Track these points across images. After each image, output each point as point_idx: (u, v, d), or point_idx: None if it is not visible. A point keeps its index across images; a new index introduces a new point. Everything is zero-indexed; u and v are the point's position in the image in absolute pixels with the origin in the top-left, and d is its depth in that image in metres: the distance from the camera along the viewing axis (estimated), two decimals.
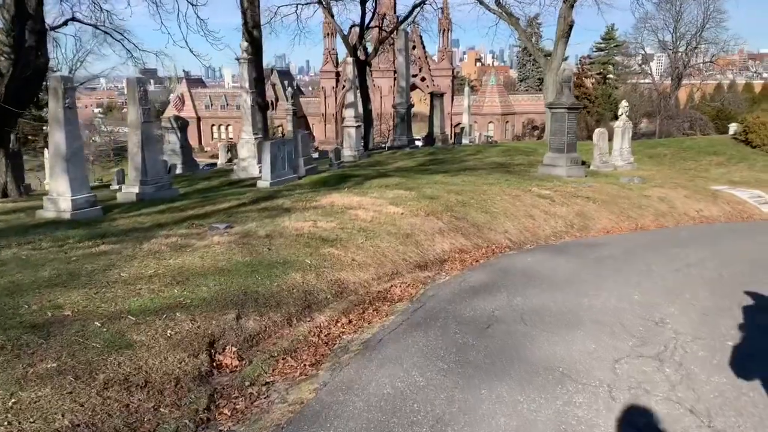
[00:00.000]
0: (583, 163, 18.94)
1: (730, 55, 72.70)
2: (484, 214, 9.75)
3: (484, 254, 8.30)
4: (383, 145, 30.20)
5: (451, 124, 67.83)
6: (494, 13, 30.28)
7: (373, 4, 34.14)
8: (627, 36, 67.15)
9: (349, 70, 21.84)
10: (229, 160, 29.67)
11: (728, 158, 22.57)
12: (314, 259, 6.19)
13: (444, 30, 76.21)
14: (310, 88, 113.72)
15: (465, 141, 33.38)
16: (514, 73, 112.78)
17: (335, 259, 6.38)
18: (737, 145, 24.74)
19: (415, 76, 74.63)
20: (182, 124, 24.33)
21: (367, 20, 34.52)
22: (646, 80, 72.19)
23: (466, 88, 45.75)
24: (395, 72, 77.87)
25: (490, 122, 72.83)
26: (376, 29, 38.21)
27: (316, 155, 21.78)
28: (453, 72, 78.47)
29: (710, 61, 58.89)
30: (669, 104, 55.37)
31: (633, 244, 9.74)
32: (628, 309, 5.76)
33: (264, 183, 11.92)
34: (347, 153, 22.33)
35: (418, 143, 29.85)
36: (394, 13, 69.59)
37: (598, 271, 7.39)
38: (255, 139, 15.39)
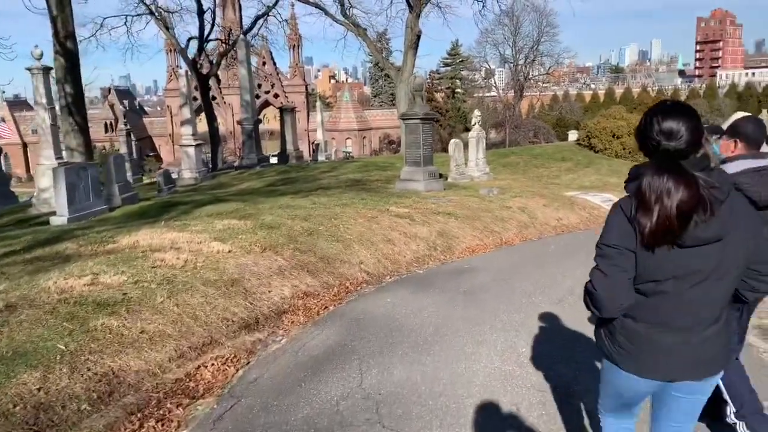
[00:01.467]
0: (441, 175, 18.15)
1: (561, 69, 78.67)
2: (335, 243, 8.15)
3: (335, 296, 6.67)
4: (234, 165, 27.79)
5: (309, 141, 66.33)
6: (341, 24, 29.22)
7: (212, 16, 31.72)
8: (471, 50, 69.95)
9: (182, 84, 19.45)
10: None
11: (576, 164, 23.13)
12: (74, 341, 4.17)
13: (294, 46, 74.75)
14: (158, 108, 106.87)
15: (321, 157, 31.95)
16: (368, 90, 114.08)
17: (113, 335, 4.40)
18: (582, 151, 25.62)
19: (267, 92, 72.46)
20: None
21: (207, 32, 32.03)
22: (491, 93, 75.89)
23: (318, 103, 44.56)
24: None
25: (348, 138, 72.32)
26: (219, 43, 35.69)
27: (158, 179, 18.98)
28: (307, 88, 77.19)
29: (547, 73, 62.92)
30: (514, 114, 58.15)
31: (503, 266, 8.65)
32: (519, 373, 4.40)
33: (59, 219, 9.40)
34: (187, 175, 19.87)
35: (274, 160, 27.93)
36: (240, 28, 67.02)
37: (471, 312, 6.06)
38: (59, 165, 12.62)
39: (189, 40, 32.95)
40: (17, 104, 79.68)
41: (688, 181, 1.98)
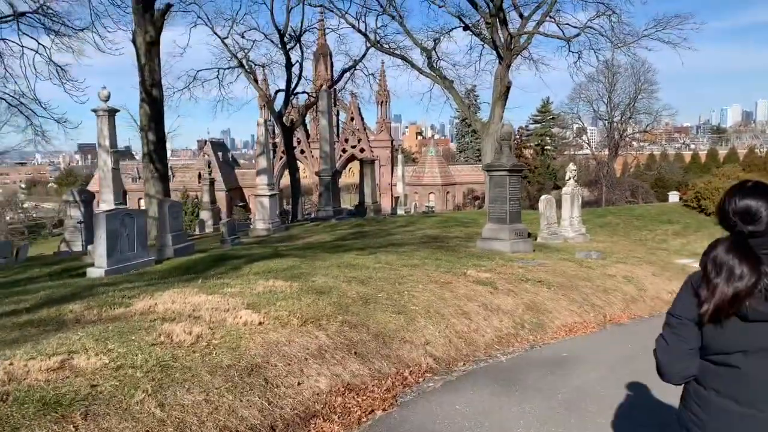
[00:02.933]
0: (529, 235, 16.27)
1: (658, 128, 74.75)
2: (396, 316, 6.57)
3: (387, 391, 5.05)
4: (311, 217, 27.01)
5: (392, 196, 65.84)
6: (427, 77, 28.38)
7: (299, 69, 31.90)
8: (563, 106, 67.70)
9: (260, 133, 18.88)
10: None
11: (684, 227, 20.49)
12: None
13: (382, 102, 75.47)
14: (252, 161, 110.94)
15: (400, 211, 30.72)
16: (453, 146, 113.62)
17: None
18: (690, 213, 22.88)
19: (354, 147, 73.10)
20: (86, 198, 20.30)
21: (294, 85, 32.20)
22: (582, 152, 72.98)
23: (400, 156, 43.84)
24: (335, 142, 76.03)
25: (431, 193, 71.21)
26: (308, 97, 35.86)
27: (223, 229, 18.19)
28: (392, 143, 77.36)
29: (644, 131, 59.52)
30: (609, 173, 55.02)
31: (613, 356, 6.71)
32: None
33: (96, 271, 8.42)
34: (260, 226, 19.06)
35: (352, 212, 27.05)
36: (331, 81, 68.35)
37: None
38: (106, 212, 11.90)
39: (276, 92, 33.38)
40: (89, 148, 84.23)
41: (752, 264, 2.00)
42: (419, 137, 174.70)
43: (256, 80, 32.59)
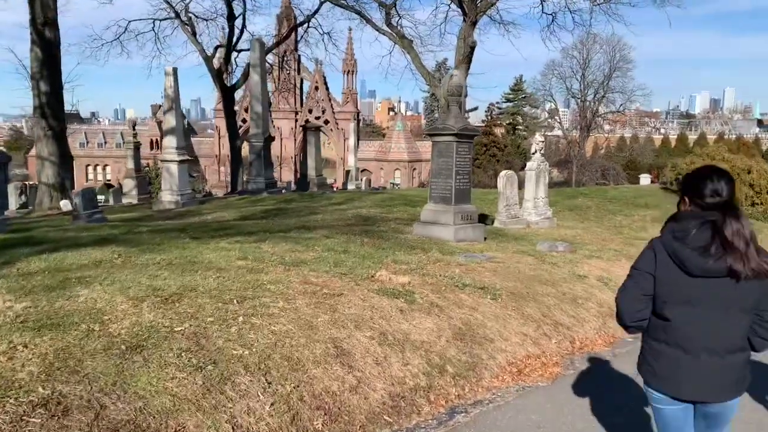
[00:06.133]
0: (484, 218, 13.39)
1: (629, 112, 72.90)
2: (189, 376, 3.56)
3: None
4: (240, 190, 23.70)
5: (343, 170, 62.60)
6: (384, 34, 25.15)
7: (242, 22, 28.31)
8: (535, 82, 65.01)
9: (169, 84, 15.55)
10: (23, 206, 22.21)
11: (664, 212, 17.84)
12: None
13: (349, 71, 71.86)
14: (208, 130, 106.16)
15: (351, 186, 27.68)
16: (425, 122, 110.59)
17: None
18: (668, 196, 20.33)
19: (318, 118, 69.46)
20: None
21: (235, 40, 28.63)
22: (554, 133, 70.89)
23: (351, 124, 40.62)
24: (296, 113, 72.34)
25: (397, 169, 68.30)
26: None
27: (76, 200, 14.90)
28: (358, 115, 73.85)
29: (618, 111, 57.30)
30: (580, 153, 52.73)
31: None
32: None
33: None
34: (167, 198, 15.84)
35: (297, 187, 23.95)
36: (296, 51, 64.76)
37: None
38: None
39: (216, 48, 29.71)
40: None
41: (750, 229, 2.43)
42: (391, 113, 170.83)
43: (194, 34, 28.86)
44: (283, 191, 22.20)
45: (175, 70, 15.81)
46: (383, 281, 6.14)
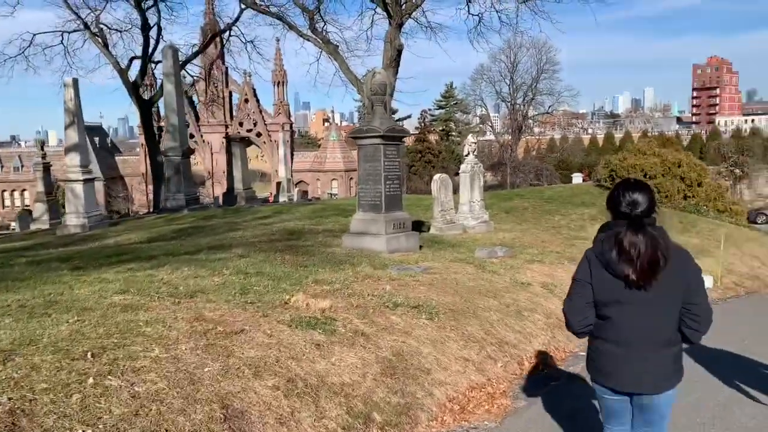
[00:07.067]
0: (420, 225, 12.60)
1: (558, 113, 74.72)
2: None
3: None
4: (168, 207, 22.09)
5: (274, 181, 60.99)
6: (308, 40, 24.17)
7: (157, 32, 26.70)
8: (465, 88, 65.59)
9: (69, 96, 14.03)
10: None
11: (600, 210, 17.60)
12: None
13: (279, 82, 70.26)
14: (137, 150, 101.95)
15: (283, 198, 26.48)
16: None
17: None
18: (603, 194, 20.18)
19: (250, 131, 67.54)
20: None
21: (151, 50, 26.97)
22: (486, 137, 71.81)
23: (281, 134, 39.45)
24: (227, 126, 70.26)
25: (333, 179, 67.14)
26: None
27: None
28: (291, 126, 72.40)
29: (547, 112, 58.35)
30: (513, 155, 53.27)
31: None
32: None
33: None
34: (72, 222, 14.26)
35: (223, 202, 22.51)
36: (223, 63, 62.82)
37: None
38: None
39: (131, 60, 27.91)
40: None
41: (653, 238, 2.61)
42: (326, 124, 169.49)
43: (106, 45, 26.98)
44: (209, 207, 20.81)
45: (75, 81, 14.32)
46: (299, 308, 5.16)
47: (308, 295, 5.54)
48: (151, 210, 26.91)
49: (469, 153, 13.59)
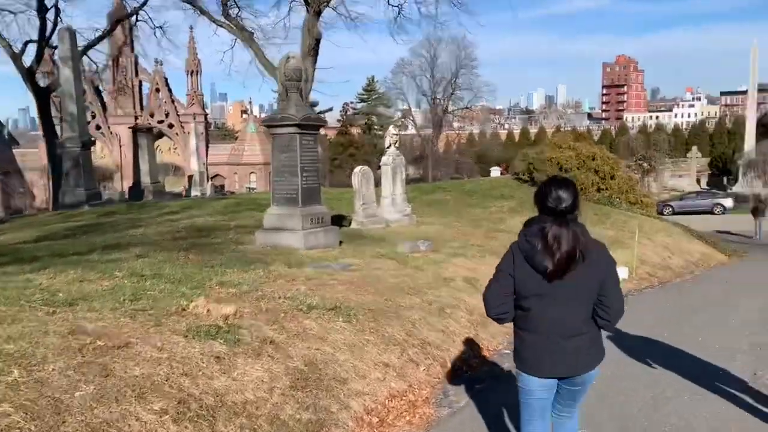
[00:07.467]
0: (341, 220, 12.15)
1: (476, 108, 76.31)
2: None
3: None
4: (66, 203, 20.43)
5: (207, 176, 58.80)
6: (221, 26, 23.10)
7: (55, 14, 24.73)
8: (387, 82, 65.68)
9: None
10: None
11: (519, 202, 17.78)
12: None
13: (193, 72, 67.44)
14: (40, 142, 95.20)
15: (195, 193, 25.24)
16: None
17: None
18: (522, 186, 20.44)
19: (161, 122, 64.55)
20: None
21: (48, 34, 24.94)
22: (408, 132, 72.27)
23: (192, 125, 37.89)
24: (137, 117, 66.84)
25: (252, 172, 65.24)
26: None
27: None
28: (206, 117, 69.85)
29: (467, 107, 59.26)
30: (435, 149, 53.76)
31: None
32: None
33: None
34: None
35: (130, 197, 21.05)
36: (132, 51, 59.72)
37: None
38: None
39: (26, 43, 25.71)
40: None
41: (574, 233, 2.74)
42: (244, 115, 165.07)
43: None
44: (113, 202, 19.42)
45: None
46: (198, 315, 4.57)
47: (211, 300, 4.95)
48: (49, 206, 24.97)
49: (390, 145, 13.27)
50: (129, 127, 23.32)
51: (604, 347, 2.97)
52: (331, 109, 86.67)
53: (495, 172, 45.35)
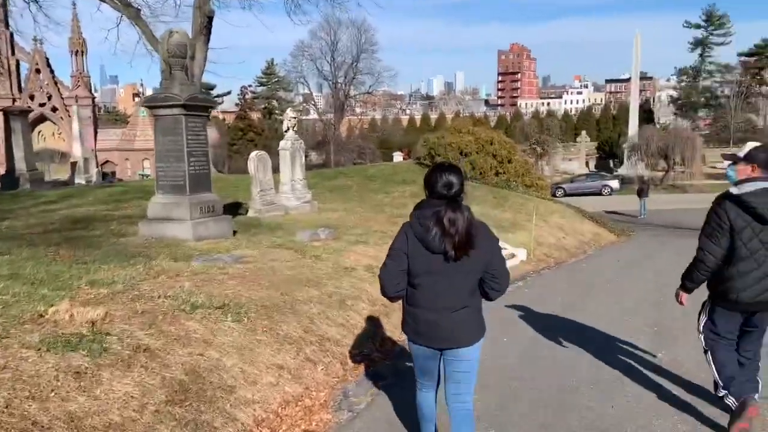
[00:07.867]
0: (237, 208, 11.53)
1: (378, 94, 76.51)
2: None
3: None
4: None
5: (96, 162, 54.89)
6: (104, 1, 21.28)
7: None
8: (286, 64, 64.16)
9: None
10: None
11: (421, 187, 17.78)
12: None
13: (77, 51, 62.66)
14: None
15: (80, 180, 23.36)
16: None
17: None
18: (424, 171, 20.49)
19: (43, 105, 59.59)
20: None
21: None
22: (309, 117, 71.18)
23: (75, 108, 35.24)
24: (15, 100, 61.27)
25: (145, 158, 61.69)
26: None
27: None
28: (93, 100, 65.35)
29: (368, 92, 59.09)
30: (336, 134, 53.21)
31: None
32: None
33: None
34: None
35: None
36: (7, 28, 54.70)
37: None
38: None
39: None
40: None
41: (467, 217, 2.92)
42: (137, 99, 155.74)
43: None
44: None
45: None
46: (58, 322, 3.95)
47: (76, 303, 4.32)
48: None
49: (288, 128, 12.72)
50: (0, 109, 21.00)
51: (485, 323, 3.17)
52: (229, 93, 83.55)
53: (397, 157, 45.63)
